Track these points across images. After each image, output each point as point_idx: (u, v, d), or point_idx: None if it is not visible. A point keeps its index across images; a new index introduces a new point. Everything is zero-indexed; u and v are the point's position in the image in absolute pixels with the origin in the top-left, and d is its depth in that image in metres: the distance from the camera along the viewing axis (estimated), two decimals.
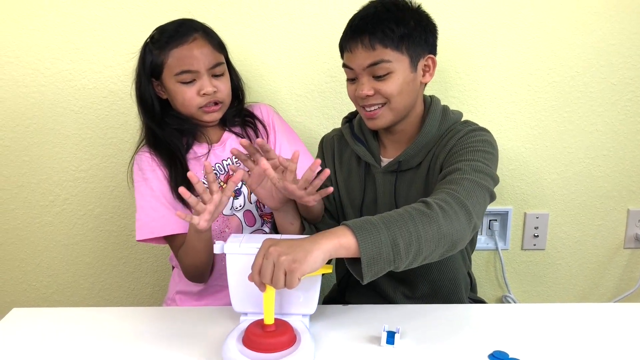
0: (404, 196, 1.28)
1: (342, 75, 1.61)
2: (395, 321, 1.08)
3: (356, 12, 1.23)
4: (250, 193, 1.34)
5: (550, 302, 1.84)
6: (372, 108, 1.22)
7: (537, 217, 1.76)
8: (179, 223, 1.25)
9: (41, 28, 1.54)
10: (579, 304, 1.21)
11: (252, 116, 1.39)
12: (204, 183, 1.23)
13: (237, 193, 1.32)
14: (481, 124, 1.28)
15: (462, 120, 1.31)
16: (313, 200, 1.12)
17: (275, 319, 0.95)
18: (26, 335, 1.05)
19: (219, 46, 1.29)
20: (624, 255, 1.83)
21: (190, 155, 1.31)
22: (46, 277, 1.76)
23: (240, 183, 1.31)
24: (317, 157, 1.45)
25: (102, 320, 1.10)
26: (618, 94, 1.67)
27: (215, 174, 1.31)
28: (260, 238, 1.10)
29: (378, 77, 1.19)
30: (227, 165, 1.33)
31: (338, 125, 1.66)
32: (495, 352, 0.98)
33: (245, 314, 1.05)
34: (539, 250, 1.80)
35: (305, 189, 1.10)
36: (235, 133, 1.36)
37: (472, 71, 1.64)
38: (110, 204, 1.69)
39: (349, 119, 1.40)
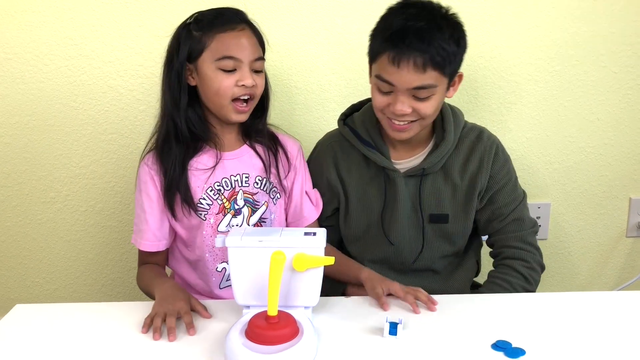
0: (429, 199, 1.31)
1: (342, 69, 1.62)
2: (397, 312, 1.08)
3: (399, 11, 1.16)
4: (250, 215, 1.28)
5: (552, 291, 1.84)
6: (402, 123, 1.20)
7: (539, 207, 1.76)
8: (150, 242, 1.26)
9: (39, 24, 1.54)
10: (582, 293, 1.21)
11: (279, 143, 1.33)
12: (205, 198, 1.25)
13: (236, 212, 1.27)
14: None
15: (466, 122, 1.34)
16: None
17: (279, 311, 0.95)
18: (30, 332, 1.04)
19: (261, 42, 1.24)
20: (626, 244, 1.83)
21: (196, 164, 1.24)
22: (49, 274, 1.76)
23: (242, 203, 1.27)
24: (312, 161, 1.40)
25: (105, 315, 1.10)
26: (619, 82, 1.67)
27: (219, 190, 1.26)
28: (261, 231, 1.10)
29: (418, 98, 1.16)
30: (234, 181, 1.27)
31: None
32: (498, 341, 0.98)
33: (248, 306, 1.05)
34: (541, 239, 1.80)
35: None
36: (255, 151, 1.29)
37: (472, 61, 1.63)
38: (112, 199, 1.69)
39: (344, 118, 1.36)
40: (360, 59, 1.59)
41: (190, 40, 1.18)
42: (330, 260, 1.00)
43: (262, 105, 1.29)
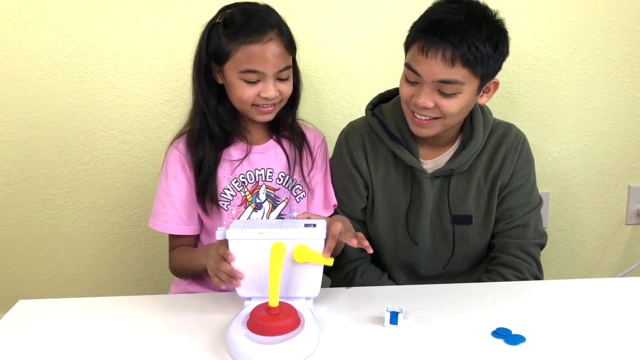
0: (453, 200, 1.29)
1: (340, 61, 1.62)
2: (398, 301, 1.09)
3: (442, 4, 1.14)
4: (270, 211, 1.29)
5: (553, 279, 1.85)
6: (424, 118, 1.18)
7: None
8: (178, 225, 1.26)
9: (36, 22, 1.54)
10: (582, 280, 1.21)
11: (304, 138, 1.32)
12: (229, 189, 1.26)
13: (257, 206, 1.29)
14: None
15: (494, 118, 1.32)
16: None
17: (280, 302, 0.95)
18: (33, 327, 1.05)
19: (290, 46, 1.20)
20: (625, 232, 1.84)
21: (224, 155, 1.26)
22: (51, 270, 1.77)
23: (264, 197, 1.28)
24: (336, 151, 1.37)
25: (107, 310, 1.11)
26: (617, 70, 1.67)
27: (244, 182, 1.27)
28: (262, 223, 1.11)
29: (443, 94, 1.13)
30: (258, 175, 1.28)
31: (337, 111, 1.66)
32: (498, 329, 0.99)
33: (249, 298, 1.06)
34: None
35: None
36: (282, 146, 1.30)
37: None
38: (112, 195, 1.70)
39: (373, 108, 1.33)
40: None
41: (218, 42, 1.16)
42: (330, 262, 1.01)
43: (293, 99, 1.27)
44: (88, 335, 1.02)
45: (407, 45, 1.17)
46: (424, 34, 1.11)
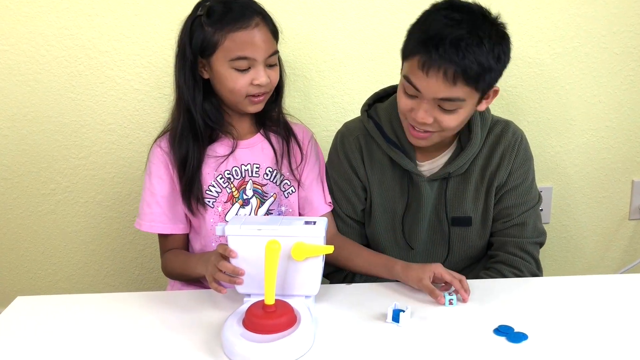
0: (451, 202, 1.27)
1: (341, 54, 1.60)
2: (401, 298, 1.08)
3: (442, 12, 1.07)
4: (258, 207, 1.28)
5: (555, 275, 1.84)
6: (422, 130, 1.15)
7: (541, 191, 1.72)
8: (164, 224, 1.25)
9: (35, 15, 1.52)
10: (584, 276, 1.21)
11: (292, 133, 1.30)
12: (214, 185, 1.24)
13: (245, 202, 1.27)
14: None
15: (492, 116, 1.28)
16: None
17: (276, 300, 0.95)
18: (31, 324, 1.05)
19: (275, 33, 1.19)
20: (629, 227, 1.82)
21: (209, 151, 1.24)
22: (51, 266, 1.76)
23: (251, 193, 1.27)
24: (333, 153, 1.36)
25: (104, 306, 1.10)
26: (621, 63, 1.65)
27: (229, 178, 1.25)
28: (262, 219, 1.10)
29: (443, 109, 1.10)
30: (245, 170, 1.26)
31: (339, 105, 1.65)
32: (500, 326, 0.98)
33: (249, 295, 1.05)
34: (544, 223, 1.78)
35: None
36: (269, 140, 1.28)
37: None
38: (112, 190, 1.69)
39: (368, 109, 1.30)
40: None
41: (202, 35, 1.14)
42: (329, 249, 0.99)
43: (277, 91, 1.26)
44: (84, 332, 1.01)
45: (405, 55, 1.12)
46: (424, 50, 1.05)
